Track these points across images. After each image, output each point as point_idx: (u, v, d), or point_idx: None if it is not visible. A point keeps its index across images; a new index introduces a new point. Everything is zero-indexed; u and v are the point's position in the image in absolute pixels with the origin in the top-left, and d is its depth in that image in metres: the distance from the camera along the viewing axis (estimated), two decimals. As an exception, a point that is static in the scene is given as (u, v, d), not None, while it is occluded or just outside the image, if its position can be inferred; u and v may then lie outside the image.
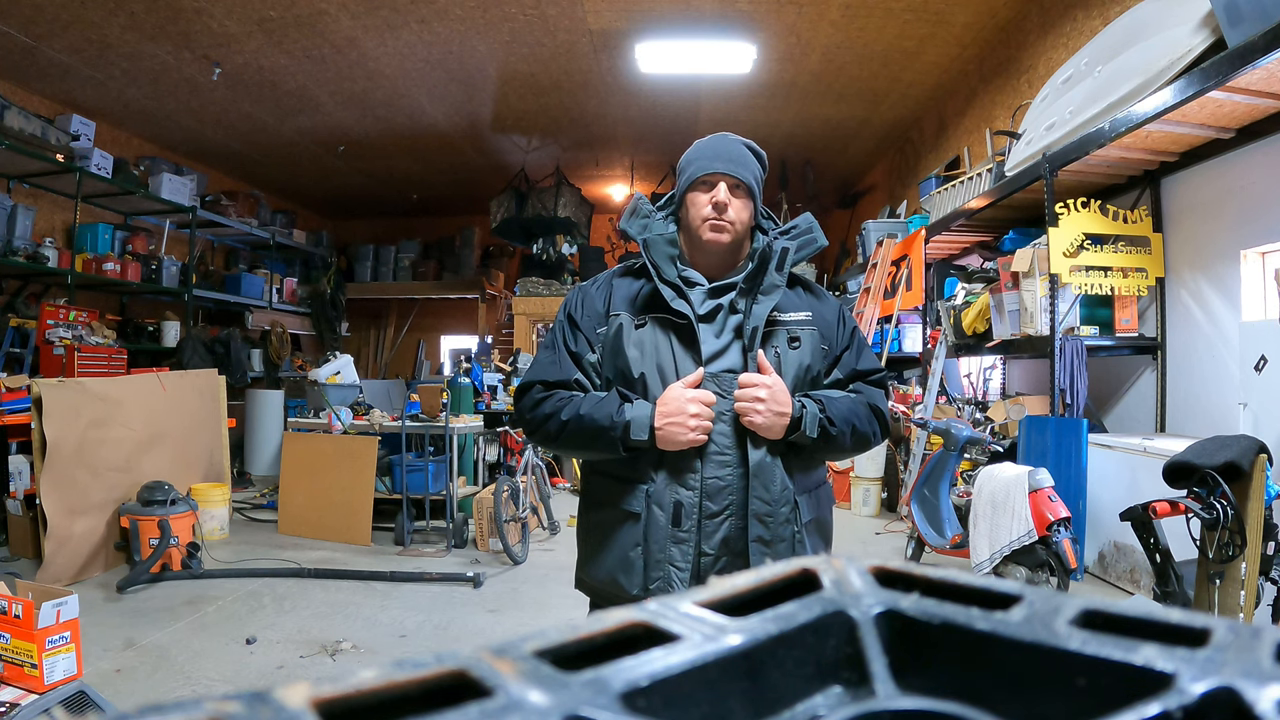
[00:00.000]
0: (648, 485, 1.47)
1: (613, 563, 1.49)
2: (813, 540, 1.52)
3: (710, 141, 1.59)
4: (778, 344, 1.52)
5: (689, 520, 1.45)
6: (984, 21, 5.76)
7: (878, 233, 7.40)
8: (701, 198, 1.53)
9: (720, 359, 1.50)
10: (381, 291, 11.41)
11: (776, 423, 1.43)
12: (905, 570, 0.37)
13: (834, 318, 1.61)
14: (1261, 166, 3.70)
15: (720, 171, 1.52)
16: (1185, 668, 0.27)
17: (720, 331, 1.52)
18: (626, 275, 1.61)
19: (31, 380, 4.48)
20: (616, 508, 1.50)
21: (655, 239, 1.52)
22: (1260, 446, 2.67)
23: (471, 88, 7.09)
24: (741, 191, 1.53)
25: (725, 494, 1.46)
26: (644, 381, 1.49)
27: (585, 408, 1.47)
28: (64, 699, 2.46)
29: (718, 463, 1.46)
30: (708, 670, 0.30)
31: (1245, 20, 2.99)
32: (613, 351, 1.53)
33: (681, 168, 1.59)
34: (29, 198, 6.52)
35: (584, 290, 1.63)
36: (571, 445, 1.52)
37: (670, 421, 1.41)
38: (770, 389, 1.43)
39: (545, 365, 1.57)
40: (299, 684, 0.26)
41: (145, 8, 5.37)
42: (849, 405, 1.52)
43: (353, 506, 5.30)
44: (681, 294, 1.49)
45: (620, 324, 1.53)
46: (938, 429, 4.51)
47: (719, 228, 1.52)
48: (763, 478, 1.45)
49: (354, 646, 3.42)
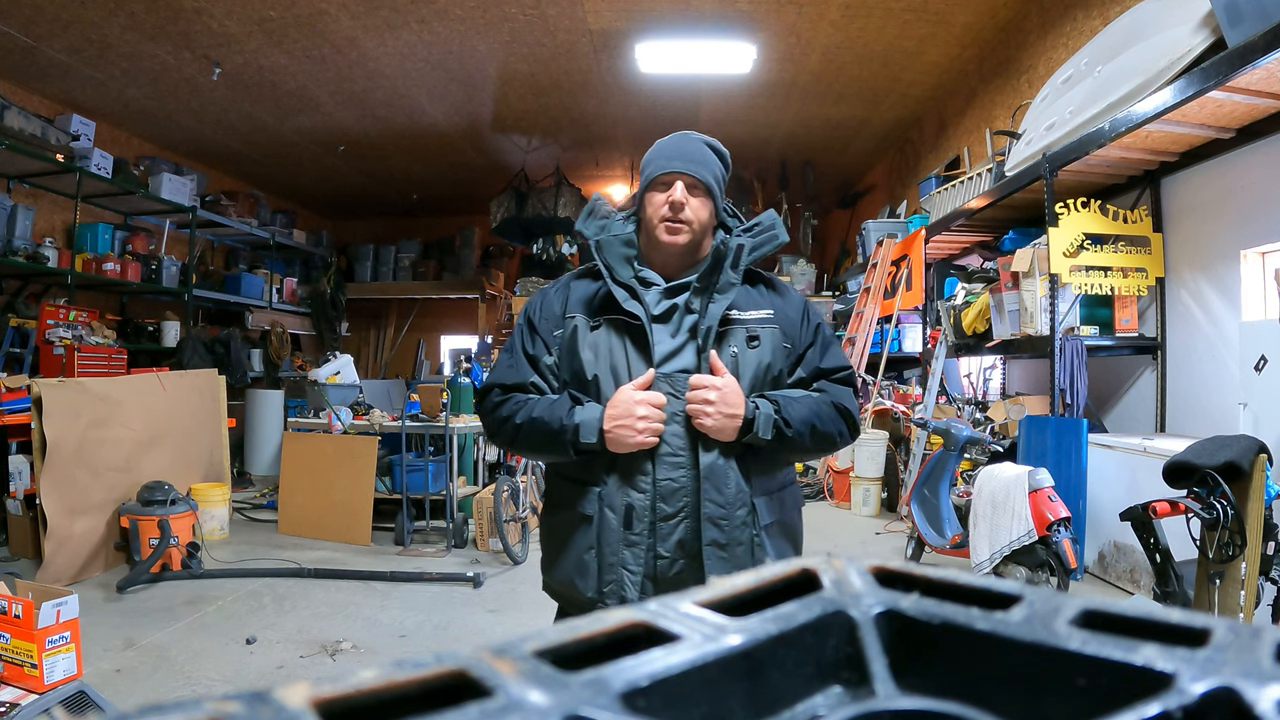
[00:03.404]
0: (599, 488, 1.46)
1: (569, 565, 1.48)
2: (775, 544, 1.50)
3: (669, 141, 1.58)
4: (735, 343, 1.50)
5: (640, 523, 1.43)
6: (984, 21, 5.76)
7: (878, 233, 7.40)
8: (658, 197, 1.52)
9: (675, 359, 1.48)
10: (381, 291, 11.41)
11: (727, 425, 1.41)
12: (905, 570, 0.37)
13: (797, 315, 1.57)
14: (1261, 166, 3.70)
15: (677, 171, 1.51)
16: (1185, 668, 0.27)
17: (676, 331, 1.51)
18: (585, 277, 1.60)
19: (31, 380, 4.48)
20: (572, 510, 1.49)
21: (609, 240, 1.51)
22: (1260, 446, 2.67)
23: (471, 88, 7.09)
24: (700, 190, 1.52)
25: (679, 496, 1.44)
26: (597, 384, 1.48)
27: (538, 410, 1.47)
28: (64, 699, 2.47)
29: (671, 464, 1.44)
30: (708, 670, 0.30)
31: (1245, 20, 2.99)
32: (569, 354, 1.52)
33: (642, 168, 1.59)
34: (29, 198, 6.52)
35: (544, 293, 1.62)
36: (527, 448, 1.53)
37: (619, 424, 1.40)
38: (720, 390, 1.41)
39: (504, 368, 1.57)
40: (299, 684, 0.26)
41: (145, 8, 5.37)
42: (810, 405, 1.49)
43: (353, 506, 5.30)
44: (635, 295, 1.48)
45: (575, 326, 1.52)
46: (938, 429, 4.51)
47: (674, 229, 1.51)
48: (715, 480, 1.43)
49: (354, 646, 3.42)
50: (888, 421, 6.43)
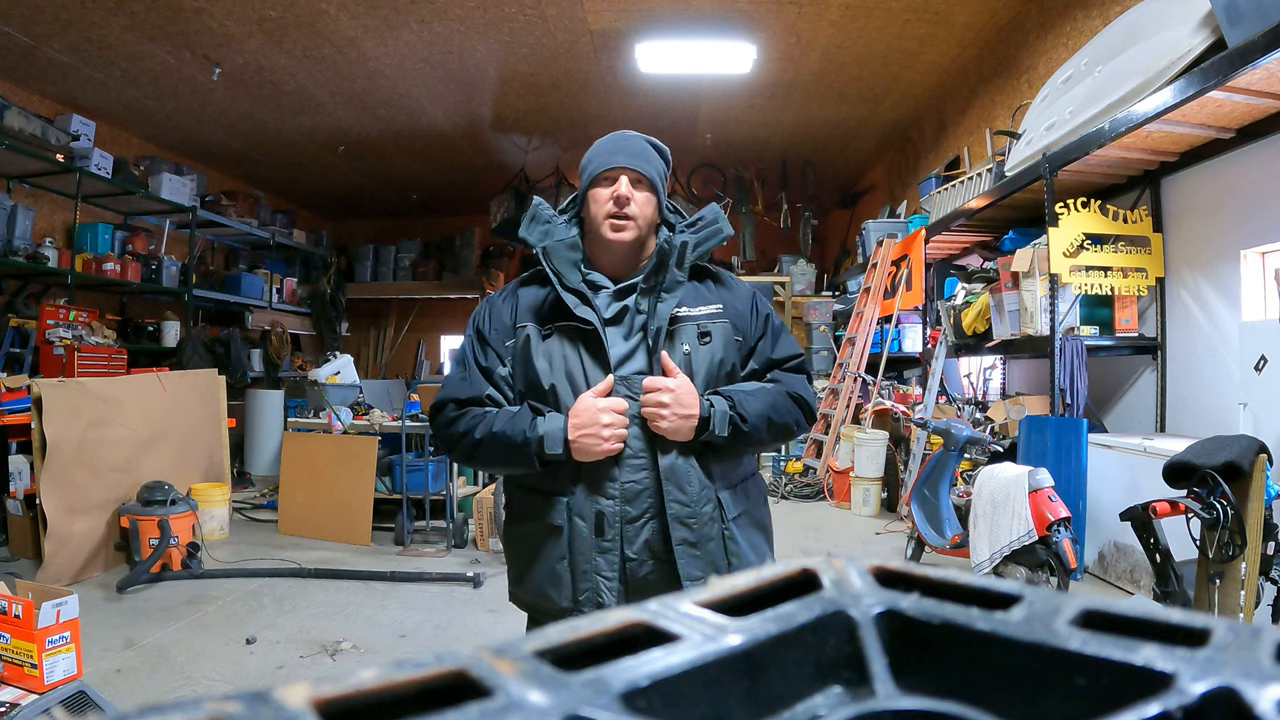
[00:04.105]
0: (567, 498, 1.44)
1: (541, 577, 1.47)
2: (746, 534, 1.49)
3: (610, 139, 1.56)
4: (687, 341, 1.48)
5: (612, 529, 1.43)
6: (984, 21, 5.77)
7: (878, 233, 7.41)
8: (603, 193, 1.49)
9: (630, 361, 1.47)
10: (381, 291, 11.41)
11: (683, 425, 1.40)
12: (905, 570, 0.37)
13: (746, 307, 1.56)
14: (1261, 166, 3.70)
15: (620, 165, 1.49)
16: (1185, 668, 0.27)
17: (629, 333, 1.49)
18: (531, 283, 1.57)
19: (31, 380, 4.49)
20: (539, 521, 1.47)
21: (555, 245, 1.48)
22: (1260, 446, 2.67)
23: (471, 88, 7.09)
24: (644, 186, 1.50)
25: (643, 498, 1.43)
26: (555, 392, 1.46)
27: (498, 424, 1.44)
28: (64, 699, 2.46)
29: (633, 467, 1.44)
30: (708, 670, 0.30)
31: (1245, 20, 2.99)
32: (522, 364, 1.50)
33: (583, 166, 1.55)
34: (29, 198, 6.52)
35: (491, 302, 1.59)
36: (488, 462, 1.50)
37: (584, 433, 1.39)
38: (674, 392, 1.40)
39: (456, 383, 1.54)
40: (299, 684, 0.26)
41: (145, 8, 5.37)
42: (766, 398, 1.48)
43: (353, 506, 5.30)
44: (585, 299, 1.46)
45: (527, 335, 1.49)
46: (938, 429, 4.51)
47: (620, 225, 1.48)
48: (676, 480, 1.43)
49: (354, 646, 3.42)
50: (888, 421, 6.43)
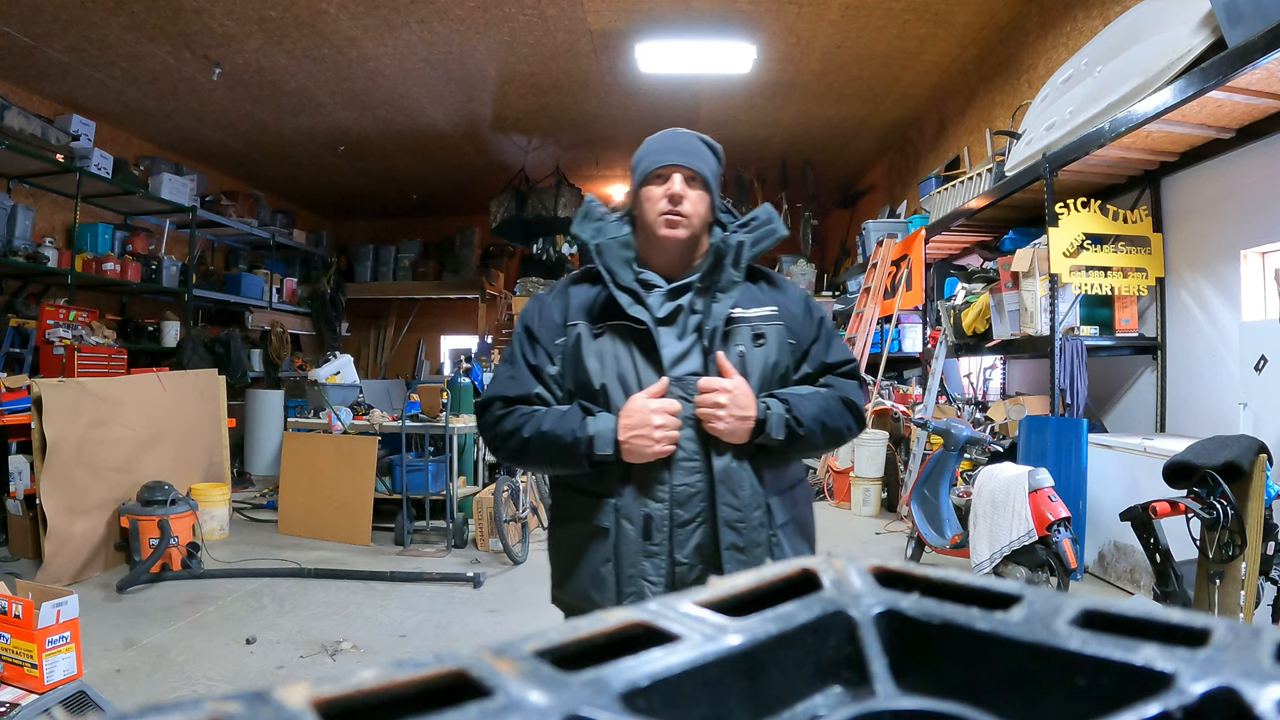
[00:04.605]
0: (615, 499, 1.42)
1: (585, 579, 1.45)
2: (792, 542, 1.48)
3: (663, 136, 1.55)
4: (741, 342, 1.46)
5: (660, 533, 1.40)
6: (984, 21, 5.76)
7: (878, 233, 7.40)
8: (656, 191, 1.48)
9: (683, 362, 1.45)
10: (381, 291, 11.41)
11: (739, 427, 1.38)
12: (905, 570, 0.37)
13: (800, 310, 1.54)
14: (1261, 166, 3.70)
15: (674, 164, 1.48)
16: (1185, 668, 0.27)
17: (682, 334, 1.47)
18: (582, 281, 1.55)
19: (31, 380, 4.49)
20: (585, 523, 1.45)
21: (609, 243, 1.47)
22: (1260, 446, 2.67)
23: (471, 88, 7.09)
24: (697, 184, 1.49)
25: (695, 501, 1.41)
26: (605, 392, 1.44)
27: (547, 424, 1.43)
28: (64, 699, 2.47)
29: (686, 469, 1.41)
30: (708, 670, 0.30)
31: (1245, 20, 2.98)
32: (573, 363, 1.48)
33: (635, 164, 1.54)
34: (29, 198, 6.51)
35: (541, 300, 1.57)
36: (536, 462, 1.49)
37: (635, 434, 1.37)
38: (731, 393, 1.38)
39: (504, 380, 1.52)
40: (299, 684, 0.26)
41: (145, 8, 5.37)
42: (819, 402, 1.47)
43: (353, 506, 5.30)
44: (638, 299, 1.44)
45: (579, 334, 1.47)
46: (938, 429, 4.51)
47: (674, 222, 1.46)
48: (729, 484, 1.41)
49: (354, 646, 3.42)
50: (888, 421, 6.42)
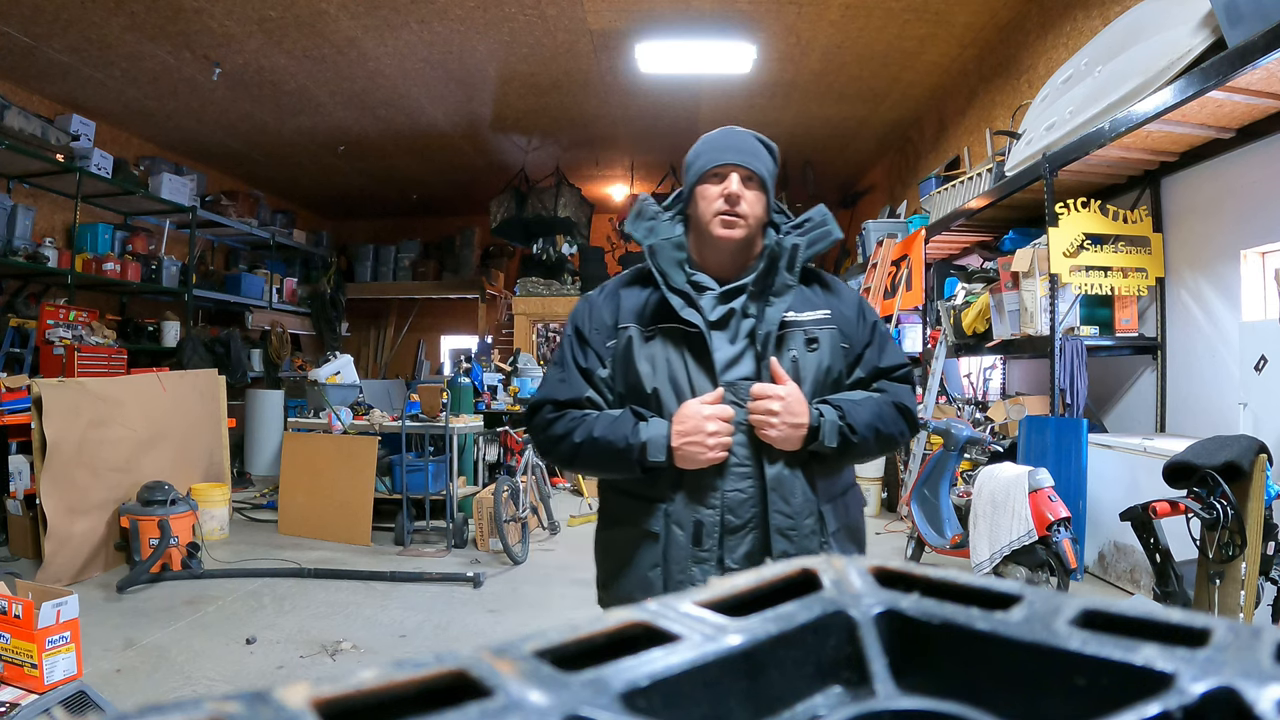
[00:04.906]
0: (666, 504, 1.40)
1: (631, 583, 1.43)
2: (844, 548, 1.45)
3: (720, 133, 1.51)
4: (794, 347, 1.43)
5: (710, 539, 1.38)
6: (984, 21, 5.76)
7: (878, 233, 7.40)
8: (712, 190, 1.44)
9: (735, 366, 1.42)
10: (381, 291, 11.41)
11: (792, 435, 1.36)
12: (905, 570, 0.37)
13: (854, 313, 1.51)
14: (1261, 166, 3.70)
15: (731, 163, 1.44)
16: (1185, 668, 0.27)
17: (734, 337, 1.44)
18: (633, 283, 1.53)
19: (31, 380, 4.49)
20: (634, 526, 1.44)
21: (662, 244, 1.43)
22: (1260, 446, 2.67)
23: (471, 88, 7.08)
24: (754, 184, 1.45)
25: (747, 506, 1.39)
26: (657, 397, 1.42)
27: (599, 429, 1.41)
28: (64, 699, 2.47)
29: (738, 475, 1.39)
30: (708, 670, 0.30)
31: (1245, 20, 2.98)
32: (624, 366, 1.46)
33: (689, 162, 1.50)
34: (29, 198, 6.51)
35: (591, 301, 1.54)
36: (587, 466, 1.47)
37: (688, 441, 1.35)
38: (784, 400, 1.35)
39: (555, 383, 1.50)
40: (299, 684, 0.26)
41: (145, 8, 5.37)
42: (872, 408, 1.43)
43: (353, 506, 5.30)
44: (691, 301, 1.41)
45: (630, 337, 1.45)
46: (938, 429, 4.51)
47: (731, 222, 1.43)
48: (781, 491, 1.38)
49: (354, 646, 3.42)
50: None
